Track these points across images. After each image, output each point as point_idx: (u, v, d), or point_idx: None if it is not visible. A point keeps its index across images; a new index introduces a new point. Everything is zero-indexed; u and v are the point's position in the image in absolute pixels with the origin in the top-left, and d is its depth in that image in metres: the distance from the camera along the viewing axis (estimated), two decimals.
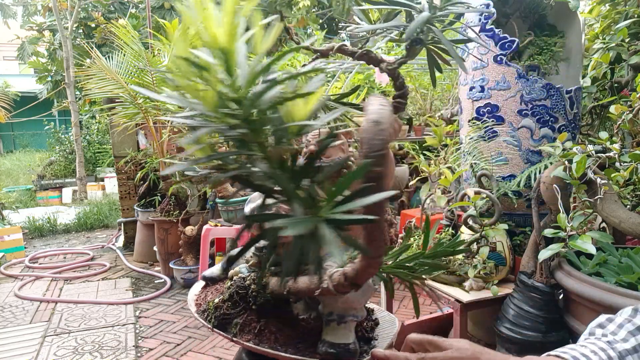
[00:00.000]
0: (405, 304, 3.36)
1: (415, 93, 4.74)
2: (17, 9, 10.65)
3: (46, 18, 9.74)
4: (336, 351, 0.79)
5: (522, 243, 2.00)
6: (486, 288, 1.84)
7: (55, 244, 5.85)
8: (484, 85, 2.04)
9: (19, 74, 16.90)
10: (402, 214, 3.21)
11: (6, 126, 14.93)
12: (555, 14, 2.22)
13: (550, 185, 1.65)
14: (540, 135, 1.98)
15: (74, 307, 3.64)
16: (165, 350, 2.89)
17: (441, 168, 2.14)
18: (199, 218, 4.14)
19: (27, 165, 11.01)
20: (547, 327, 1.63)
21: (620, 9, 2.30)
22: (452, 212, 2.13)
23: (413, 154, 4.27)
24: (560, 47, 2.14)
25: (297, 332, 0.85)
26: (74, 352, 2.87)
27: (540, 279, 1.67)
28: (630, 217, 1.46)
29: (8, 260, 4.97)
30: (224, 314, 0.89)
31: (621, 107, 1.69)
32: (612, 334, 0.81)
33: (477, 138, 2.06)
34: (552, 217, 1.72)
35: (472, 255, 1.84)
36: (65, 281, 4.31)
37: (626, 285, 1.40)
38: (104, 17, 8.92)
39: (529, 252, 1.78)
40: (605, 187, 1.49)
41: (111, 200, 7.68)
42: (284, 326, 0.85)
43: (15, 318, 3.45)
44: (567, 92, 1.97)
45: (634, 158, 1.53)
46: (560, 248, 1.48)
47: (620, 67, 2.32)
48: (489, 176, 1.95)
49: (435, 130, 2.48)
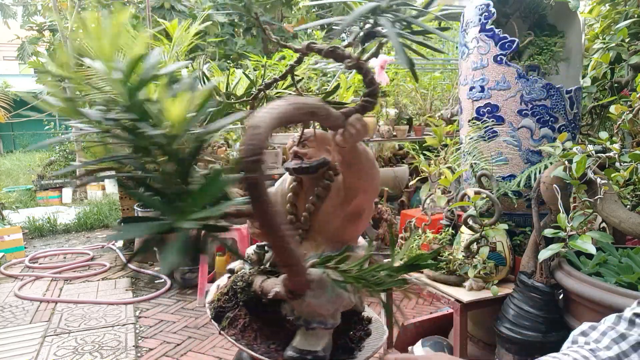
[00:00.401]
0: (405, 304, 3.36)
1: (415, 93, 4.74)
2: (17, 9, 10.64)
3: (46, 18, 9.73)
4: (299, 357, 0.78)
5: (522, 243, 2.00)
6: (486, 288, 1.84)
7: (55, 244, 5.84)
8: (484, 85, 2.04)
9: (19, 74, 16.89)
10: (402, 214, 3.21)
11: (6, 126, 14.92)
12: (555, 14, 2.22)
13: (550, 185, 1.65)
14: (540, 135, 1.98)
15: (74, 307, 3.64)
16: (165, 350, 2.88)
17: (441, 168, 2.14)
18: None
19: (27, 165, 11.01)
20: (547, 327, 1.63)
21: (620, 9, 2.30)
22: (452, 212, 2.13)
23: (413, 154, 4.27)
24: (560, 47, 2.14)
25: (278, 332, 0.86)
26: (74, 352, 2.87)
27: (540, 279, 1.67)
28: (630, 217, 1.46)
29: (8, 260, 4.96)
30: (220, 306, 0.91)
31: (621, 107, 1.69)
32: (595, 342, 0.80)
33: (477, 138, 2.06)
34: (552, 217, 1.72)
35: (472, 255, 1.84)
36: (65, 281, 4.31)
37: (626, 285, 1.40)
38: None
39: (529, 252, 1.78)
40: (605, 187, 1.49)
41: (111, 200, 7.68)
42: (265, 325, 0.86)
43: (15, 318, 3.45)
44: (567, 92, 1.97)
45: (634, 158, 1.53)
46: (560, 248, 1.48)
47: (620, 67, 2.32)
48: (489, 176, 1.95)
49: (435, 130, 2.48)
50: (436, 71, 4.54)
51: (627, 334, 0.79)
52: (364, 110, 0.75)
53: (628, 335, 0.78)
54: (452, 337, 2.05)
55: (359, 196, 0.82)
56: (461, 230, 1.97)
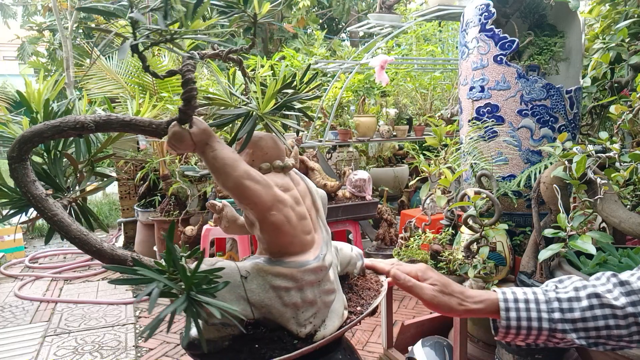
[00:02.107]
0: (405, 304, 3.36)
1: (415, 93, 4.74)
2: (17, 9, 10.64)
3: (46, 18, 9.73)
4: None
5: (522, 243, 2.00)
6: (486, 288, 1.84)
7: (55, 244, 5.84)
8: (484, 85, 2.04)
9: (19, 74, 16.89)
10: (402, 214, 3.21)
11: None
12: (555, 14, 2.22)
13: (550, 185, 1.66)
14: (540, 135, 1.98)
15: (74, 307, 3.64)
16: (165, 350, 2.89)
17: (441, 168, 2.14)
18: (199, 218, 4.14)
19: None
20: None
21: (620, 9, 2.29)
22: (452, 212, 2.13)
23: (413, 154, 4.27)
24: (560, 47, 2.14)
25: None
26: (74, 352, 2.87)
27: (540, 279, 1.67)
28: (630, 217, 1.46)
29: (8, 260, 4.97)
30: None
31: (621, 107, 1.69)
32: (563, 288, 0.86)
33: (477, 138, 2.06)
34: (552, 217, 1.72)
35: (472, 255, 1.84)
36: (65, 281, 4.31)
37: None
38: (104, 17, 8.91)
39: (529, 252, 1.78)
40: (605, 187, 1.49)
41: (111, 200, 7.68)
42: None
43: (15, 318, 3.45)
44: (567, 92, 1.97)
45: (634, 158, 1.53)
46: (560, 248, 1.48)
47: (620, 67, 2.32)
48: (489, 176, 1.95)
49: (435, 130, 2.48)
50: (436, 71, 4.54)
51: (588, 285, 0.83)
52: (181, 122, 0.71)
53: (589, 286, 0.83)
54: (452, 337, 2.05)
55: (241, 203, 0.82)
56: (461, 230, 1.98)
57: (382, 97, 4.59)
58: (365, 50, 4.60)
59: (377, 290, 1.00)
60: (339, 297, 0.88)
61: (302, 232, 0.83)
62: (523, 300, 0.83)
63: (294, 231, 0.81)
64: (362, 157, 4.95)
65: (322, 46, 6.41)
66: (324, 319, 0.84)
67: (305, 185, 0.92)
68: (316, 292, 0.82)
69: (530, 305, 0.83)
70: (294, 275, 0.79)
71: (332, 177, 3.52)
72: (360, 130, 3.81)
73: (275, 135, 0.86)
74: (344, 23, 9.87)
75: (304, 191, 0.90)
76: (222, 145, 0.75)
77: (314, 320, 0.81)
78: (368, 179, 3.33)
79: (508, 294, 0.85)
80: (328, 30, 9.91)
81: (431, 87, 4.62)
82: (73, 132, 0.70)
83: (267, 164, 0.84)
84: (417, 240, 2.14)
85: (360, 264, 1.04)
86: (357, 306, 0.94)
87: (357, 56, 4.45)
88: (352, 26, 4.46)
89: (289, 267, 0.80)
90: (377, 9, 4.12)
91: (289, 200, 0.82)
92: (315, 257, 0.83)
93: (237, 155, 0.76)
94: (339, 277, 0.99)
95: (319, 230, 0.90)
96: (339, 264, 0.99)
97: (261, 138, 0.85)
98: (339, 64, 4.14)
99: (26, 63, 10.40)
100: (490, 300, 0.86)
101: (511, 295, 0.85)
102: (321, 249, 0.86)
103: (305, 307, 0.80)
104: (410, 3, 7.60)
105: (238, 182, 0.74)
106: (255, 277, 0.80)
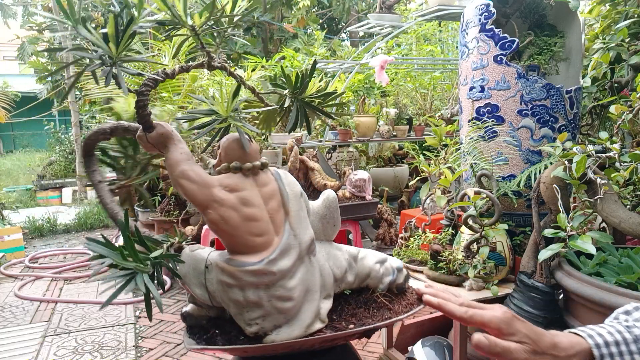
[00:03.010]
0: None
1: (415, 93, 4.74)
2: (17, 9, 10.64)
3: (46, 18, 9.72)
4: None
5: (522, 243, 2.00)
6: (486, 288, 1.84)
7: (55, 244, 5.85)
8: (484, 85, 2.04)
9: (19, 74, 16.89)
10: (402, 214, 3.21)
11: (6, 126, 14.93)
12: (555, 14, 2.22)
13: (550, 185, 1.65)
14: (540, 135, 1.98)
15: (74, 307, 3.64)
16: (165, 350, 2.89)
17: (441, 168, 2.14)
18: (199, 218, 4.14)
19: (27, 165, 11.01)
20: (547, 327, 1.61)
21: (620, 9, 2.29)
22: (452, 212, 2.13)
23: (413, 154, 4.26)
24: (560, 47, 2.14)
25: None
26: (74, 352, 2.87)
27: (540, 279, 1.67)
28: (630, 217, 1.46)
29: (8, 260, 4.97)
30: None
31: (621, 107, 1.69)
32: (635, 320, 0.81)
33: (477, 138, 2.06)
34: (552, 217, 1.72)
35: (472, 255, 1.84)
36: (65, 281, 4.32)
37: (626, 285, 1.40)
38: (104, 17, 8.92)
39: (529, 252, 1.78)
40: (605, 187, 1.49)
41: None
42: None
43: (15, 318, 3.45)
44: (567, 92, 1.97)
45: (634, 158, 1.53)
46: (560, 248, 1.48)
47: (620, 67, 2.32)
48: (489, 176, 1.95)
49: (435, 130, 2.48)
50: (436, 71, 4.54)
51: None
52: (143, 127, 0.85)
53: None
54: (452, 337, 2.05)
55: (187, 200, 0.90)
56: (461, 230, 1.97)
57: (382, 97, 4.59)
58: (365, 50, 4.61)
59: (396, 313, 0.97)
60: (308, 308, 0.85)
61: (247, 232, 0.83)
62: (614, 343, 0.78)
63: (235, 231, 0.83)
64: (362, 157, 4.95)
65: (322, 46, 6.41)
66: (278, 324, 0.82)
67: (276, 187, 0.89)
68: (262, 295, 0.81)
69: (622, 348, 0.78)
70: (233, 273, 0.81)
71: (332, 177, 3.52)
72: (360, 130, 3.81)
73: (241, 138, 0.87)
74: (344, 23, 9.87)
75: (269, 193, 0.87)
76: (175, 147, 0.85)
77: (262, 323, 0.82)
78: (368, 179, 3.33)
79: (597, 338, 0.78)
80: (328, 30, 9.91)
81: (431, 87, 4.62)
82: (102, 137, 0.95)
83: (225, 165, 0.89)
84: (417, 240, 2.13)
85: (390, 279, 1.00)
86: (350, 324, 0.89)
87: (357, 56, 4.45)
88: (352, 26, 4.46)
89: (230, 265, 0.82)
90: (377, 9, 4.12)
91: (230, 201, 0.83)
92: (260, 261, 0.81)
93: (183, 157, 0.85)
94: (353, 290, 0.97)
95: (283, 234, 0.86)
96: (347, 274, 0.95)
97: (226, 140, 0.89)
98: (339, 64, 4.15)
99: (26, 63, 10.40)
100: (583, 350, 0.79)
101: (600, 339, 0.78)
102: (273, 253, 0.83)
103: (249, 307, 0.82)
104: (410, 3, 7.60)
105: (176, 181, 0.84)
106: (214, 268, 0.84)
